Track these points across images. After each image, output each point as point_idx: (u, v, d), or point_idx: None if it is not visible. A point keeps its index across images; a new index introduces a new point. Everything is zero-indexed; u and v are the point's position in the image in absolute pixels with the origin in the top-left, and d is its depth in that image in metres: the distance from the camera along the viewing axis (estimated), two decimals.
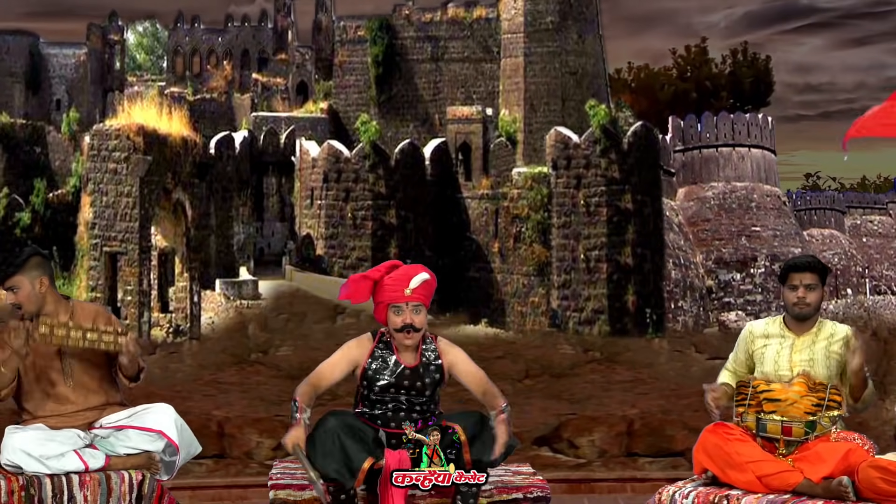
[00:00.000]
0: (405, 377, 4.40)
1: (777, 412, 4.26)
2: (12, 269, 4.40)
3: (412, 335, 4.37)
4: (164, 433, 4.42)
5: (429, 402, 4.41)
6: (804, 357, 4.41)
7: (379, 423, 4.35)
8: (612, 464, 8.94)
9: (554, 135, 35.18)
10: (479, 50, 45.89)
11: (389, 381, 4.38)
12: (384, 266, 4.49)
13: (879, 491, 3.87)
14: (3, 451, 4.27)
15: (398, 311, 4.37)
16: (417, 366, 4.41)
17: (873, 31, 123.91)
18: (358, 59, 47.34)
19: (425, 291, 4.41)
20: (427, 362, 4.44)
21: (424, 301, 4.41)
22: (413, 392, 4.37)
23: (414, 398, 4.38)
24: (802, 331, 4.45)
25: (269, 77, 52.06)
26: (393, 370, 4.40)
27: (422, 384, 4.38)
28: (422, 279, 4.38)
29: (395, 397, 4.37)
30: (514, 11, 44.26)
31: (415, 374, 4.41)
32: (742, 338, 4.62)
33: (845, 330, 4.46)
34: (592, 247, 33.49)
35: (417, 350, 4.44)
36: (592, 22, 44.65)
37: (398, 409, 4.37)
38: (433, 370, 4.42)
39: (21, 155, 44.60)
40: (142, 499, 4.37)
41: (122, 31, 55.44)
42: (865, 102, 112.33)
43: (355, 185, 36.24)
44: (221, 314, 30.57)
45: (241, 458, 9.04)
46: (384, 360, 4.43)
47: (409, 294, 4.35)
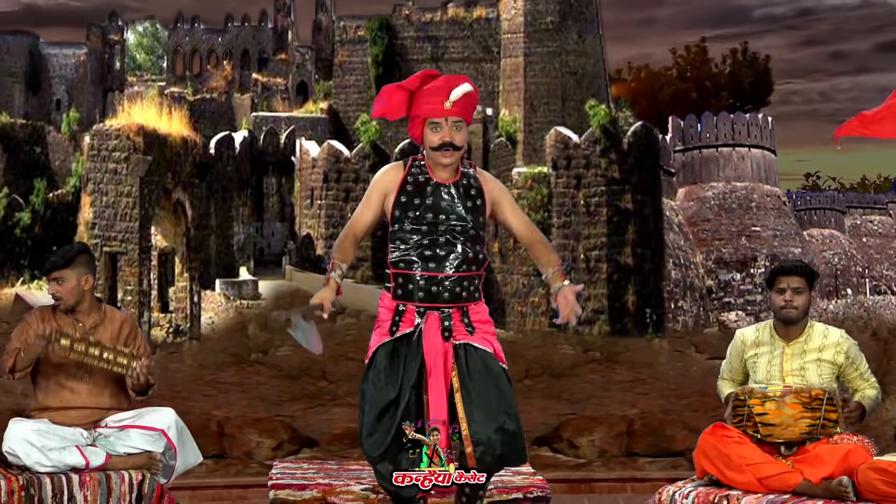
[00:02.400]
0: (441, 196, 3.90)
1: (773, 435, 4.25)
2: (62, 261, 4.47)
3: (451, 153, 3.87)
4: (164, 433, 4.44)
5: (472, 230, 3.87)
6: (795, 366, 4.39)
7: (416, 267, 3.84)
8: (612, 464, 8.94)
9: (554, 135, 35.18)
10: (479, 50, 45.91)
11: (425, 202, 3.88)
12: (421, 74, 3.97)
13: (879, 492, 3.86)
14: (5, 439, 4.31)
15: (436, 126, 3.88)
16: (456, 182, 3.92)
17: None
18: (358, 59, 47.36)
19: (467, 105, 3.90)
20: (466, 184, 3.93)
21: (465, 117, 3.91)
22: (453, 217, 3.85)
23: (454, 224, 3.85)
24: (791, 337, 4.43)
25: (269, 77, 52.05)
26: (426, 190, 3.90)
27: (462, 206, 3.88)
28: (464, 90, 3.86)
29: (432, 224, 3.85)
30: (514, 11, 44.27)
31: (451, 192, 3.91)
32: (734, 346, 4.62)
33: (837, 335, 4.44)
34: (592, 247, 33.49)
35: (457, 172, 3.94)
36: (592, 22, 44.66)
37: (436, 242, 3.84)
38: (474, 194, 3.91)
39: (21, 155, 44.61)
40: (142, 499, 4.37)
41: (122, 31, 55.44)
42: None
43: (355, 185, 36.24)
44: (221, 314, 30.56)
45: (241, 458, 9.04)
46: (416, 181, 3.93)
47: (449, 107, 3.86)
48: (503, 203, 3.97)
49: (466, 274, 3.83)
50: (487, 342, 3.86)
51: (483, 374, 3.79)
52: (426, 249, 3.83)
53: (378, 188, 3.97)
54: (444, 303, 3.82)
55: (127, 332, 4.59)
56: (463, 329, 3.84)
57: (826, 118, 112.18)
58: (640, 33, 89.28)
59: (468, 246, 3.85)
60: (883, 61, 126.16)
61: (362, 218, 3.98)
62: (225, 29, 54.88)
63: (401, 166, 3.98)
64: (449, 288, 3.81)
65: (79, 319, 4.52)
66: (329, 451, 9.48)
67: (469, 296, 3.86)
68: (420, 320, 3.84)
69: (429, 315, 3.83)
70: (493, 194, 3.94)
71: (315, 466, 5.59)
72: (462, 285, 3.83)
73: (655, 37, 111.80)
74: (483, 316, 3.91)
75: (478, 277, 3.89)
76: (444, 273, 3.82)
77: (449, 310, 3.83)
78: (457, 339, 3.82)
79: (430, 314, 3.83)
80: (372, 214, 3.97)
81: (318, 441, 9.86)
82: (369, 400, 3.84)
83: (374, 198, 3.96)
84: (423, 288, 3.82)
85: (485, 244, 3.91)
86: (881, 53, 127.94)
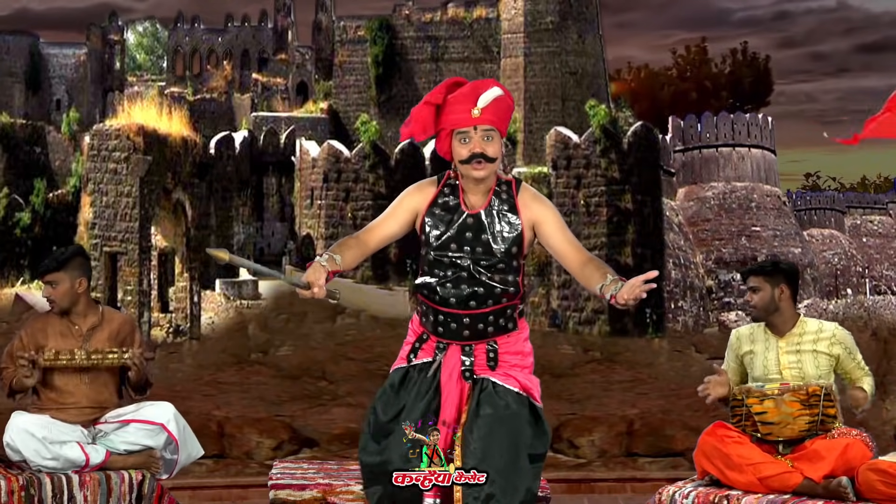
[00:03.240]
0: (467, 226, 3.44)
1: (772, 434, 4.26)
2: (55, 264, 4.48)
3: (483, 165, 3.41)
4: (164, 426, 4.44)
5: (502, 263, 3.42)
6: (791, 359, 4.41)
7: (438, 300, 3.45)
8: (612, 464, 8.94)
9: (554, 135, 35.17)
10: (479, 50, 45.91)
11: (448, 233, 3.45)
12: (446, 83, 3.51)
13: (879, 493, 3.87)
14: (6, 431, 4.32)
15: (464, 137, 3.43)
16: (487, 208, 3.46)
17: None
18: (358, 59, 47.35)
19: (498, 112, 3.45)
20: (499, 209, 3.46)
21: (498, 125, 3.45)
22: (479, 250, 3.42)
23: (481, 260, 3.42)
24: (783, 331, 4.47)
25: (269, 77, 52.04)
26: (453, 217, 3.46)
27: (490, 237, 3.42)
28: (494, 95, 3.42)
29: (455, 259, 3.43)
30: (514, 11, 44.27)
31: (479, 222, 3.45)
32: (730, 345, 4.67)
33: (832, 327, 4.48)
34: (592, 247, 33.48)
35: (489, 193, 3.49)
36: (592, 22, 44.66)
37: (459, 279, 3.42)
38: (508, 220, 3.45)
39: (21, 155, 44.58)
40: (142, 499, 4.38)
41: (122, 31, 55.43)
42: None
43: (355, 185, 36.24)
44: (221, 314, 30.55)
45: (241, 458, 9.05)
46: (446, 206, 3.49)
47: (478, 115, 3.40)
48: (545, 225, 3.47)
49: (493, 309, 3.45)
50: (511, 378, 3.46)
51: (492, 415, 3.40)
52: (448, 283, 3.43)
53: (407, 204, 3.55)
54: (465, 340, 3.48)
55: (126, 332, 4.59)
56: (485, 363, 3.48)
57: (813, 118, 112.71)
58: (615, 36, 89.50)
59: (496, 280, 3.43)
60: (862, 63, 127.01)
61: (384, 228, 3.56)
62: (225, 29, 54.87)
63: (434, 182, 3.56)
64: (469, 325, 3.45)
65: (74, 322, 4.51)
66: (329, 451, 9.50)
67: (497, 329, 3.48)
68: (440, 354, 3.50)
69: (449, 348, 3.49)
70: (532, 216, 3.47)
71: (315, 466, 5.59)
72: (487, 321, 3.46)
73: (631, 39, 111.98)
74: (515, 346, 3.52)
75: (510, 308, 3.49)
76: (467, 310, 3.43)
77: (472, 346, 3.48)
78: (477, 373, 3.47)
79: (452, 348, 3.49)
80: (397, 228, 3.57)
81: (318, 441, 9.87)
82: (371, 423, 3.58)
83: (403, 214, 3.55)
84: (443, 323, 3.48)
85: (520, 271, 3.48)
86: (859, 55, 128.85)
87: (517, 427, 3.40)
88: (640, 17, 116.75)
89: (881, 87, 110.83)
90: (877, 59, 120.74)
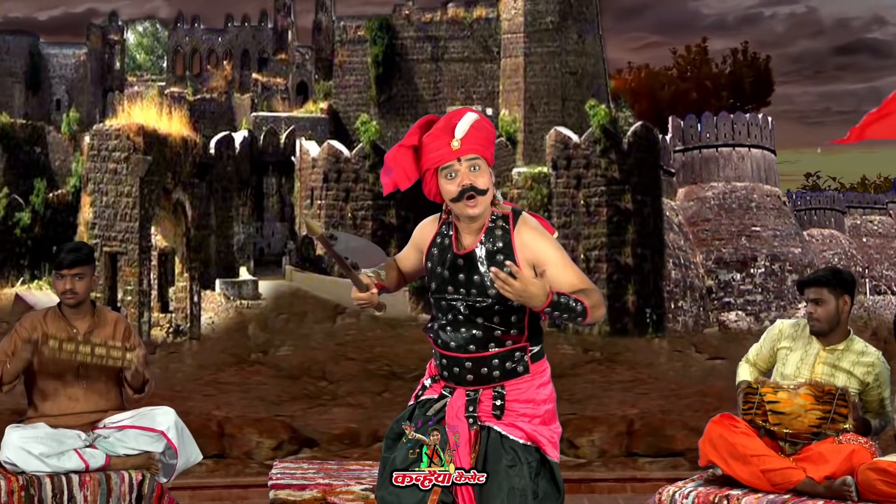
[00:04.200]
0: (458, 268, 3.24)
1: (781, 425, 4.24)
2: (85, 256, 4.47)
3: (476, 201, 3.17)
4: (164, 434, 4.43)
5: (499, 309, 3.19)
6: (827, 370, 4.38)
7: (440, 344, 3.29)
8: (612, 464, 8.94)
9: (554, 135, 35.17)
10: (479, 50, 45.90)
11: (441, 274, 3.26)
12: (417, 125, 3.29)
13: (879, 493, 3.86)
14: (2, 448, 4.28)
15: (450, 172, 3.19)
16: (473, 251, 3.23)
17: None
18: (358, 59, 47.36)
19: (479, 139, 3.22)
20: (490, 248, 3.21)
21: (482, 152, 3.21)
22: (473, 292, 3.20)
23: (477, 302, 3.20)
24: (829, 343, 4.42)
25: (269, 77, 52.05)
26: (446, 258, 3.27)
27: (482, 278, 3.18)
28: (470, 121, 3.19)
29: (452, 301, 3.24)
30: (514, 11, 44.28)
31: (471, 262, 3.23)
32: (770, 334, 4.60)
33: (875, 356, 4.43)
34: (592, 247, 33.48)
35: (482, 231, 3.25)
36: (592, 22, 44.67)
37: (457, 322, 3.24)
38: (501, 260, 3.18)
39: (21, 155, 44.59)
40: (142, 499, 4.37)
41: (122, 31, 55.44)
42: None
43: (355, 185, 36.24)
44: (221, 314, 30.56)
45: (241, 458, 9.04)
46: (442, 245, 3.31)
47: (458, 146, 3.18)
48: (548, 268, 3.17)
49: (496, 352, 3.22)
50: (518, 429, 3.23)
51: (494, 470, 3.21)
52: (448, 327, 3.26)
53: (414, 243, 3.43)
54: (467, 385, 3.28)
55: (122, 330, 4.57)
56: (489, 411, 3.26)
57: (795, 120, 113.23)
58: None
59: (495, 322, 3.20)
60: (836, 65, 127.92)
61: (404, 262, 3.47)
62: (225, 29, 54.88)
63: (436, 220, 3.37)
64: (472, 369, 3.24)
65: (73, 324, 4.48)
66: (329, 451, 9.50)
67: (505, 374, 3.25)
68: (448, 395, 3.33)
69: (456, 391, 3.31)
70: (532, 257, 3.20)
71: (315, 466, 5.59)
72: (491, 365, 3.24)
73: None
74: (526, 394, 3.28)
75: (518, 351, 3.25)
76: (467, 354, 3.23)
77: (477, 392, 3.27)
78: (482, 421, 3.26)
79: (458, 391, 3.30)
80: (411, 265, 3.45)
81: (318, 441, 9.87)
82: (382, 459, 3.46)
83: (413, 252, 3.43)
84: (446, 367, 3.30)
85: (526, 310, 3.20)
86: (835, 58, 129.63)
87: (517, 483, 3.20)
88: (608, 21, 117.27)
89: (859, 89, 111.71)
90: (853, 61, 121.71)
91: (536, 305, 3.03)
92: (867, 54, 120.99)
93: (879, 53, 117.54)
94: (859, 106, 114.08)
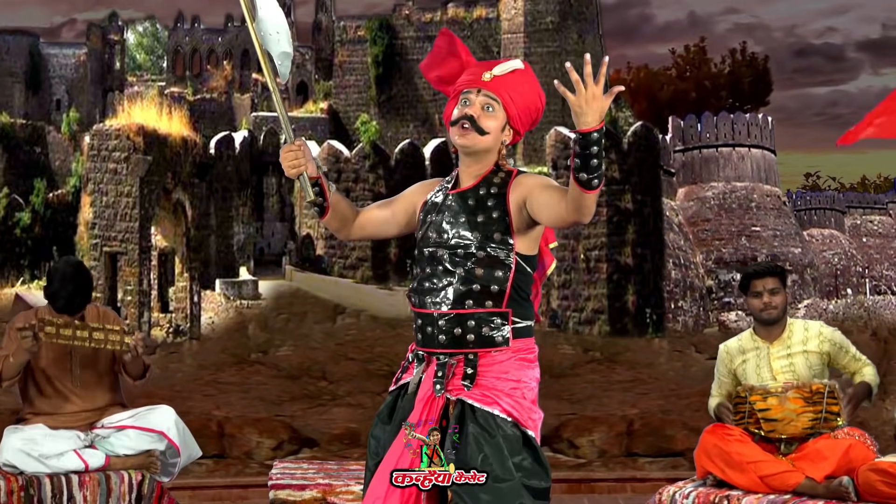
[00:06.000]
0: (447, 208, 2.98)
1: (775, 431, 4.25)
2: (79, 306, 4.55)
3: (468, 132, 2.92)
4: (165, 434, 4.43)
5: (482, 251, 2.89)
6: (784, 364, 4.42)
7: (416, 302, 2.99)
8: (612, 464, 8.94)
9: (554, 135, 35.17)
10: (479, 50, 45.88)
11: (430, 220, 3.00)
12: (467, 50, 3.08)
13: (879, 493, 3.86)
14: (2, 451, 4.28)
15: (465, 100, 2.95)
16: (473, 187, 2.98)
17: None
18: (358, 59, 47.36)
19: (514, 86, 2.95)
20: (485, 192, 2.96)
21: (506, 98, 2.94)
22: (455, 236, 2.93)
23: (455, 245, 2.92)
24: (774, 337, 4.48)
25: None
26: (437, 202, 3.02)
27: (467, 219, 2.92)
28: (513, 67, 2.96)
29: (434, 247, 2.96)
30: (514, 11, 44.28)
31: (461, 203, 2.96)
32: (720, 360, 4.65)
33: (818, 326, 4.50)
34: (592, 247, 33.48)
35: (481, 176, 3.00)
36: (592, 22, 44.67)
37: (435, 273, 2.94)
38: (491, 204, 2.93)
39: (21, 155, 44.59)
40: (141, 499, 4.37)
41: (122, 31, 55.43)
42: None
43: (355, 185, 36.24)
44: (221, 314, 30.56)
45: (241, 458, 9.04)
46: (437, 196, 3.05)
47: (489, 78, 2.94)
48: (531, 193, 2.87)
49: (472, 311, 2.90)
50: (490, 399, 2.89)
51: (473, 432, 2.92)
52: (426, 280, 2.95)
53: (409, 194, 3.15)
54: (440, 347, 2.95)
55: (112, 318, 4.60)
56: (459, 381, 2.93)
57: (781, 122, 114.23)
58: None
59: (473, 274, 2.89)
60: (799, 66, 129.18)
61: (378, 210, 3.16)
62: (225, 29, 54.88)
63: (437, 182, 3.15)
64: (444, 329, 2.92)
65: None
66: (329, 451, 9.50)
67: (480, 340, 2.92)
68: (419, 369, 3.02)
69: (429, 363, 3.01)
70: (521, 193, 2.90)
71: (315, 466, 5.59)
72: (465, 325, 2.91)
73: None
74: (503, 366, 2.94)
75: (497, 316, 2.92)
76: (440, 310, 2.92)
77: (446, 357, 2.95)
78: (451, 393, 2.94)
79: (432, 362, 2.99)
80: (389, 210, 3.14)
81: (318, 441, 9.88)
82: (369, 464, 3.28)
83: (400, 201, 3.14)
84: (420, 328, 3.00)
85: (511, 269, 2.90)
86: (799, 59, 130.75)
87: (508, 444, 2.91)
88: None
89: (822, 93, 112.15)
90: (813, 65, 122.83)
91: (591, 122, 2.75)
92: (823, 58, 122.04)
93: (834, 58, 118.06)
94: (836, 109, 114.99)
